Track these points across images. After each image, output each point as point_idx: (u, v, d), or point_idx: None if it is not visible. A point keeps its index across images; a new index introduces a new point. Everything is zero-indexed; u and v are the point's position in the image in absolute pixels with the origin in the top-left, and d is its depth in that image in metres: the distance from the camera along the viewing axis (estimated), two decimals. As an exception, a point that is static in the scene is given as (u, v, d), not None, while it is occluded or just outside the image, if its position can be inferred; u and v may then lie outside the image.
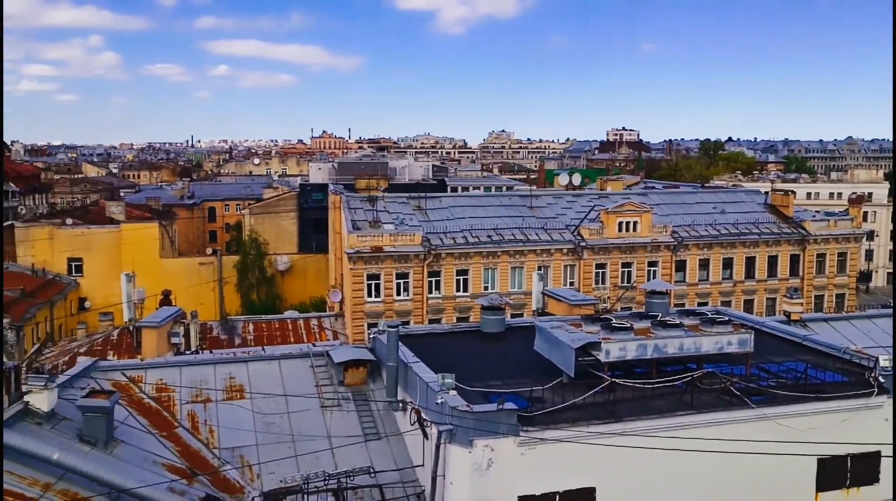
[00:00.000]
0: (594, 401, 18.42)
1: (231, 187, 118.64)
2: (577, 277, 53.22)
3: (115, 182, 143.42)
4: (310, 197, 76.94)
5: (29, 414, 16.71)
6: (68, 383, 19.09)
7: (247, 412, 20.51)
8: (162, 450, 18.33)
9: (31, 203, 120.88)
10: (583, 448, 17.15)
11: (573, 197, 60.64)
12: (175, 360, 24.06)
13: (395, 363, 20.75)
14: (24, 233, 68.45)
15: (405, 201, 55.75)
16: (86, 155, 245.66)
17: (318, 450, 19.29)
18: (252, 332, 48.24)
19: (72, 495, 15.20)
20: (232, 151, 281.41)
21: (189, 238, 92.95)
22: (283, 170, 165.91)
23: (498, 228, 52.85)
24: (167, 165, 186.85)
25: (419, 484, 18.48)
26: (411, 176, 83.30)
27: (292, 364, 22.79)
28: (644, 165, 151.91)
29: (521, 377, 19.97)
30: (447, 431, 17.08)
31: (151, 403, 20.25)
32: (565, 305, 28.56)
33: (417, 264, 49.73)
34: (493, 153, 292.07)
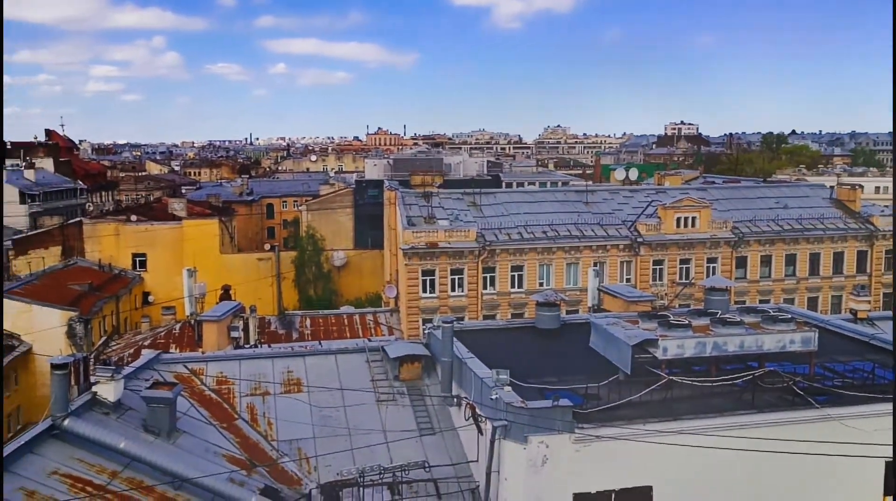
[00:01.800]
0: (651, 399, 18.17)
1: (288, 184, 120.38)
2: (633, 273, 52.53)
3: (176, 179, 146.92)
4: (365, 193, 77.62)
5: (97, 404, 17.29)
6: (133, 374, 19.67)
7: (304, 405, 20.82)
8: (222, 441, 18.75)
9: (98, 200, 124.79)
10: (639, 446, 16.94)
11: (630, 192, 59.84)
12: (235, 353, 24.58)
13: (450, 358, 20.82)
14: (91, 229, 70.69)
15: (460, 196, 55.78)
16: (149, 153, 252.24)
17: (373, 444, 19.50)
18: (309, 327, 48.98)
19: (137, 483, 15.66)
20: (289, 148, 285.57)
21: (248, 234, 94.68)
22: (339, 166, 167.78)
23: (553, 223, 52.48)
24: (227, 163, 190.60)
25: (474, 480, 18.51)
26: (466, 172, 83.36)
27: (348, 359, 23.06)
28: (703, 160, 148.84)
29: (576, 373, 19.81)
30: (502, 427, 17.07)
31: (212, 395, 20.72)
32: (621, 301, 28.25)
33: (472, 259, 49.74)
34: (548, 149, 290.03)
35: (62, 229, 73.61)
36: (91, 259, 68.43)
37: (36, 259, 68.03)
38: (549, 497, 17.13)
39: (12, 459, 14.71)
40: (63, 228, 73.82)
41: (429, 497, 18.11)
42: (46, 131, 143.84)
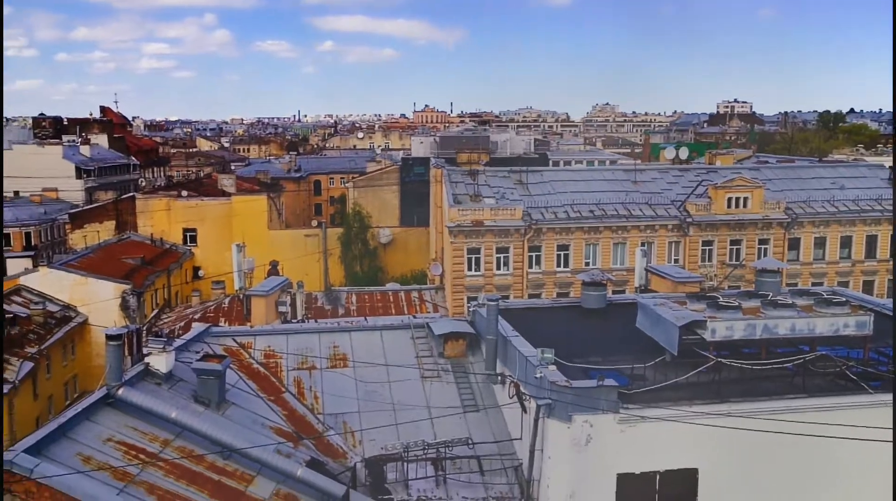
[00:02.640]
0: (698, 381, 17.96)
1: (336, 161, 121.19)
2: (682, 254, 51.77)
3: (226, 156, 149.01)
4: (412, 171, 77.69)
5: (149, 375, 17.74)
6: (184, 347, 20.10)
7: (350, 380, 21.06)
8: (270, 414, 19.10)
9: (150, 176, 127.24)
10: (685, 427, 16.75)
11: (680, 171, 58.81)
12: (282, 328, 24.96)
13: (495, 336, 20.83)
14: (143, 204, 72.22)
15: (506, 174, 55.49)
16: (200, 130, 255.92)
17: (417, 420, 19.66)
18: (355, 303, 49.43)
19: (188, 451, 16.05)
20: (337, 126, 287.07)
21: (295, 211, 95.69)
22: (385, 144, 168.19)
23: (600, 203, 51.92)
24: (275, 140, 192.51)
25: (517, 457, 18.57)
26: (513, 150, 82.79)
27: (394, 335, 23.23)
28: (757, 139, 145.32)
29: (621, 354, 19.66)
30: (546, 405, 17.05)
31: (260, 368, 21.09)
32: (669, 282, 27.88)
33: (518, 238, 49.54)
34: (596, 127, 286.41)
35: (116, 203, 75.40)
36: (143, 234, 69.99)
37: (91, 233, 69.85)
38: (593, 477, 17.09)
39: (70, 425, 15.18)
40: (117, 202, 75.62)
41: (472, 474, 18.23)
42: (101, 108, 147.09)
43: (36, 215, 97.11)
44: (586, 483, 17.09)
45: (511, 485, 18.10)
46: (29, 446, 13.92)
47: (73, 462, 14.33)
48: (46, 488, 13.44)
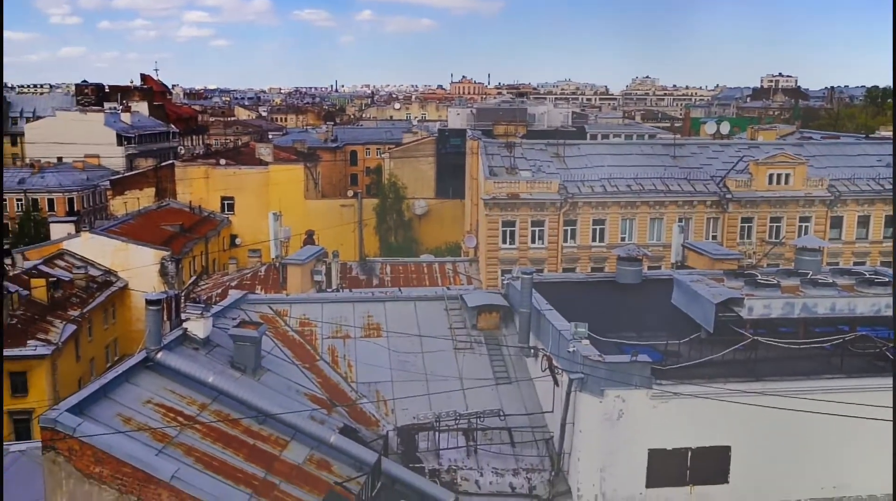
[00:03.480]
0: (734, 359, 17.79)
1: (372, 132, 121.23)
2: (720, 230, 51.03)
3: (264, 125, 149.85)
4: (448, 142, 77.40)
5: (187, 340, 18.06)
6: (221, 313, 20.42)
7: (383, 349, 21.24)
8: (304, 381, 19.37)
9: (189, 144, 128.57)
10: (719, 405, 16.63)
11: (720, 147, 57.73)
12: (317, 297, 25.20)
13: (528, 309, 20.80)
14: (182, 172, 73.05)
15: (543, 147, 55.01)
16: (238, 99, 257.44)
17: (449, 390, 19.76)
18: (389, 273, 49.69)
19: (224, 415, 16.37)
20: (373, 96, 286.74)
21: (332, 181, 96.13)
22: (422, 115, 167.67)
23: (638, 177, 51.28)
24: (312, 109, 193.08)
25: (548, 430, 18.62)
26: (550, 123, 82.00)
27: (427, 306, 23.32)
28: (801, 114, 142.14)
29: (656, 330, 19.52)
30: (578, 379, 17.04)
31: (295, 336, 21.35)
32: (707, 259, 27.54)
33: (553, 212, 49.23)
34: (635, 100, 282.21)
35: (156, 171, 76.35)
36: (182, 201, 70.90)
37: (131, 200, 70.94)
38: (624, 451, 17.09)
39: (111, 387, 15.56)
40: (157, 170, 76.56)
41: (503, 445, 18.33)
42: (142, 76, 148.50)
43: (78, 182, 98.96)
44: (617, 458, 17.10)
45: (542, 457, 18.18)
46: (72, 406, 14.31)
47: (114, 422, 14.70)
48: (88, 446, 13.83)
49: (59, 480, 13.99)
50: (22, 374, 44.73)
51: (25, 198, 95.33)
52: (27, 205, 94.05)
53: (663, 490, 17.41)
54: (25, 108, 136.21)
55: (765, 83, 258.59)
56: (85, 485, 13.95)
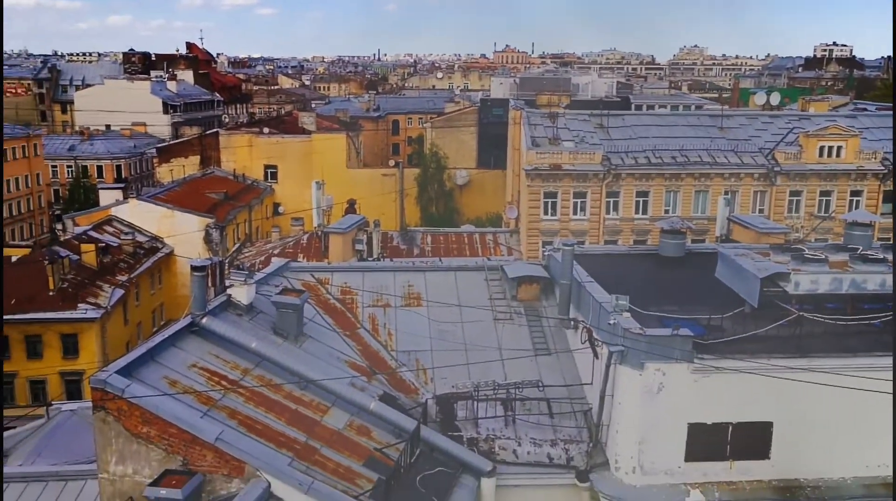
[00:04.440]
0: (778, 334, 17.51)
1: (414, 101, 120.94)
2: (767, 204, 50.02)
3: (307, 94, 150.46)
4: (490, 112, 76.91)
5: (231, 306, 18.37)
6: (264, 280, 20.68)
7: (423, 319, 21.36)
8: (345, 348, 19.60)
9: (233, 112, 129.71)
10: (762, 380, 16.43)
11: (769, 118, 56.37)
12: (359, 265, 25.39)
13: (569, 281, 20.70)
14: (226, 140, 73.89)
15: (586, 118, 54.31)
16: (281, 67, 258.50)
17: (488, 360, 19.83)
18: (430, 243, 49.82)
19: (266, 381, 16.68)
20: (416, 65, 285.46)
21: (373, 150, 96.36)
22: (465, 84, 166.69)
23: (684, 149, 50.40)
24: (355, 78, 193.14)
25: (586, 402, 18.60)
26: (594, 93, 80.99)
27: (468, 277, 23.34)
28: (855, 85, 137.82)
29: (698, 303, 19.27)
30: (618, 352, 16.95)
31: (336, 304, 21.56)
32: (753, 232, 27.07)
33: (596, 183, 48.71)
34: (682, 70, 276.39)
35: (201, 139, 77.33)
36: (226, 169, 71.78)
37: (177, 167, 72.03)
38: (663, 425, 17.01)
39: (157, 350, 15.94)
40: (201, 138, 77.54)
41: (541, 416, 18.38)
42: (187, 44, 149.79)
43: (126, 149, 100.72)
44: (656, 431, 17.04)
45: (580, 429, 18.19)
46: (121, 368, 14.70)
47: (161, 384, 15.07)
48: (137, 407, 14.22)
49: (109, 438, 14.43)
50: (73, 336, 46.09)
51: (75, 165, 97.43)
52: (77, 172, 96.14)
53: (702, 464, 17.32)
54: (75, 76, 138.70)
55: (818, 52, 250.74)
56: (133, 444, 14.38)
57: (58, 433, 23.99)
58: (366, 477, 15.23)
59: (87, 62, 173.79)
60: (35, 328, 45.63)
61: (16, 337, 45.65)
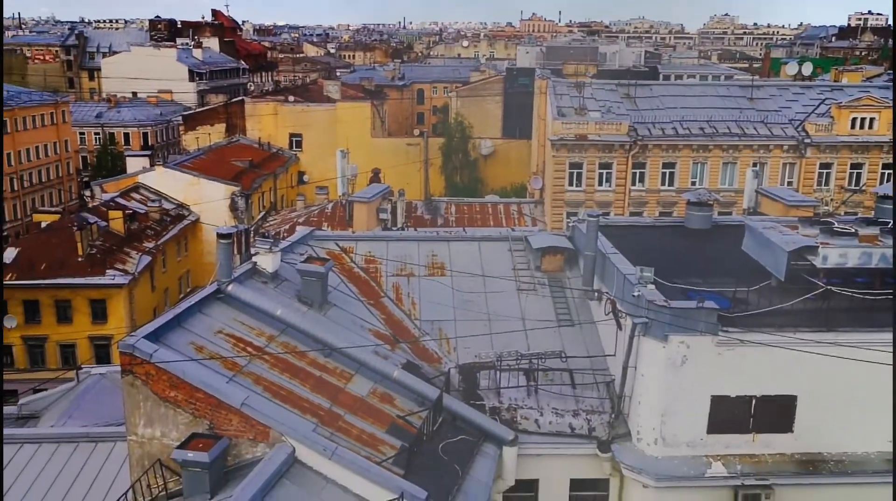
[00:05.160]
0: (804, 308, 17.34)
1: (439, 70, 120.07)
2: (796, 176, 49.28)
3: (332, 62, 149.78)
4: (516, 81, 76.20)
5: (256, 273, 18.52)
6: (289, 248, 20.82)
7: (447, 288, 21.40)
8: (369, 317, 19.72)
9: (258, 80, 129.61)
10: (787, 354, 16.32)
11: (801, 89, 55.32)
12: (383, 235, 25.46)
13: (594, 252, 20.61)
14: (252, 108, 73.95)
15: (613, 88, 53.67)
16: (307, 35, 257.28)
17: (511, 331, 19.88)
18: (454, 213, 49.80)
19: (291, 347, 16.85)
20: (441, 34, 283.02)
21: (398, 119, 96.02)
22: (490, 53, 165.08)
23: (712, 120, 49.67)
24: (380, 47, 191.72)
25: (609, 373, 18.61)
26: (622, 62, 79.92)
27: (491, 247, 23.33)
28: (890, 55, 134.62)
29: (724, 276, 19.14)
30: (642, 324, 16.91)
31: (360, 273, 21.67)
32: (781, 205, 26.71)
33: (622, 154, 48.25)
34: (712, 39, 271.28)
35: (226, 107, 77.48)
36: (251, 137, 71.94)
37: (203, 135, 72.33)
38: (686, 397, 17.00)
39: (184, 317, 16.14)
40: (227, 106, 77.67)
41: (563, 386, 18.42)
42: (213, 11, 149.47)
43: (152, 116, 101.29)
44: (679, 403, 17.04)
45: (602, 400, 18.23)
46: (148, 333, 14.91)
47: (187, 350, 15.28)
48: (164, 372, 14.45)
49: (138, 401, 14.70)
50: (101, 302, 46.81)
51: (103, 132, 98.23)
52: (104, 139, 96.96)
53: (724, 437, 17.32)
54: (102, 43, 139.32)
55: (852, 21, 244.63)
56: (161, 408, 14.64)
57: (87, 395, 24.50)
58: (389, 444, 15.40)
59: (113, 29, 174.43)
60: (65, 293, 46.41)
61: (46, 302, 46.49)
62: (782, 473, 17.24)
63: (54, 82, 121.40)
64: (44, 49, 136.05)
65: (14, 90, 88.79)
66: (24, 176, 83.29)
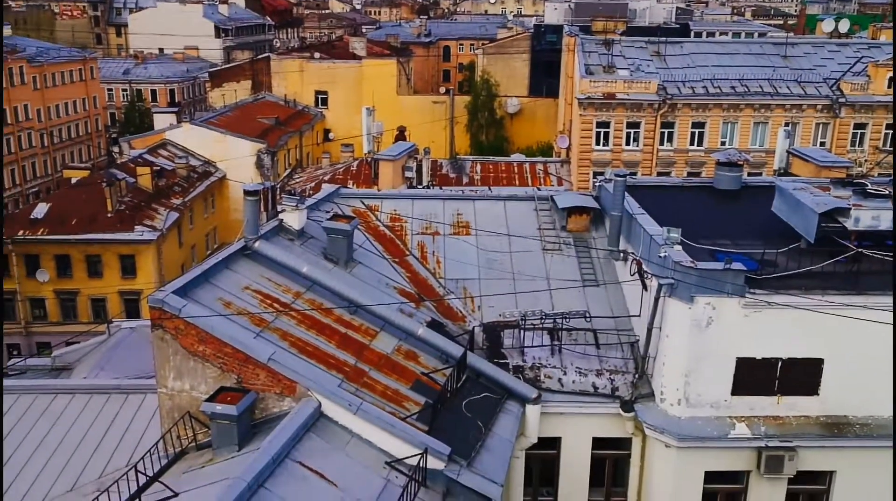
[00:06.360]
0: (834, 271, 17.11)
1: (466, 26, 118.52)
2: (829, 136, 48.35)
3: (357, 18, 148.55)
4: (543, 38, 75.06)
5: (283, 230, 18.64)
6: (315, 206, 20.86)
7: (471, 247, 21.39)
8: (394, 275, 19.80)
9: (284, 37, 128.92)
10: (815, 317, 16.17)
11: (837, 46, 53.93)
12: (408, 193, 25.42)
13: (620, 212, 20.44)
14: (277, 65, 73.71)
15: (643, 45, 52.68)
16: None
17: (536, 290, 19.86)
18: (479, 172, 49.58)
19: (317, 304, 17.00)
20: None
21: (424, 76, 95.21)
22: (518, 9, 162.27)
23: (744, 78, 48.69)
24: (406, 2, 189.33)
25: (634, 334, 18.58)
26: (652, 19, 78.23)
27: (517, 206, 23.21)
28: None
29: (753, 238, 18.90)
30: (668, 285, 16.81)
31: (386, 231, 21.71)
32: (813, 166, 26.21)
33: (651, 113, 47.56)
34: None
35: (252, 63, 77.28)
36: (277, 94, 71.82)
37: (229, 92, 72.34)
38: (711, 358, 16.95)
39: (212, 273, 16.31)
40: (253, 62, 77.48)
41: (588, 346, 18.45)
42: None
43: (179, 73, 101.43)
44: (703, 364, 16.99)
45: (626, 360, 18.24)
46: (177, 288, 15.11)
47: (216, 305, 15.47)
48: (193, 327, 14.67)
49: (167, 355, 14.97)
50: (131, 257, 47.55)
51: (130, 88, 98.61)
52: (132, 95, 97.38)
53: (749, 399, 17.29)
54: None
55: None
56: (190, 362, 14.90)
57: (118, 348, 25.03)
58: (413, 400, 15.58)
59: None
60: (95, 249, 47.16)
61: (77, 257, 47.30)
62: (807, 435, 17.21)
63: (82, 38, 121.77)
64: (71, 5, 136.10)
65: (43, 46, 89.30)
66: (53, 132, 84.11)
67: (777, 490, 17.69)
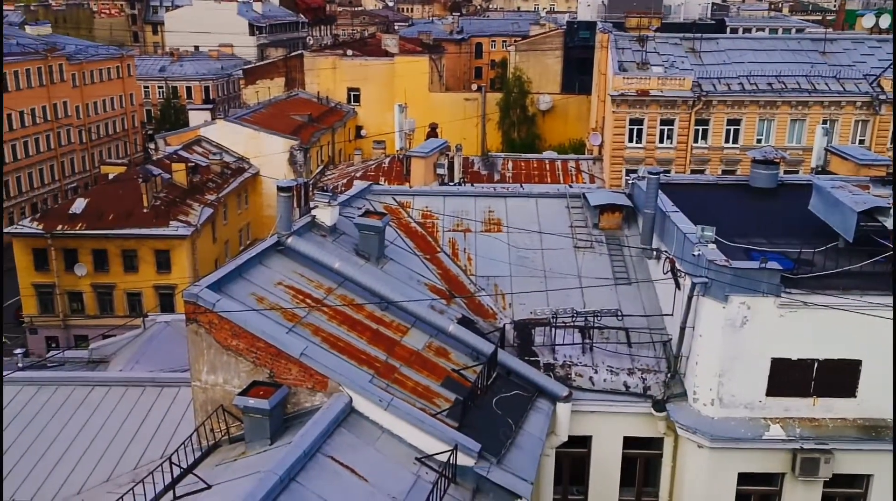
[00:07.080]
0: (873, 271, 16.80)
1: (498, 23, 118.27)
2: (869, 134, 47.42)
3: (390, 15, 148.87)
4: (576, 35, 74.62)
5: (315, 226, 18.75)
6: (347, 202, 20.95)
7: (503, 244, 21.33)
8: (425, 271, 19.83)
9: (317, 34, 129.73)
10: (853, 318, 15.88)
11: (877, 42, 52.86)
12: (440, 190, 25.42)
13: (653, 210, 20.24)
14: (311, 62, 74.19)
15: (678, 41, 52.12)
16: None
17: (567, 288, 19.76)
18: (511, 169, 49.47)
19: (349, 300, 17.09)
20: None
21: (456, 73, 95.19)
22: (551, 6, 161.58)
23: (781, 75, 47.93)
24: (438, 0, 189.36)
25: (666, 333, 18.41)
26: (687, 15, 77.27)
27: (549, 203, 23.10)
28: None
29: (789, 237, 18.62)
30: (702, 284, 16.62)
31: (417, 228, 21.74)
32: (851, 164, 25.74)
33: (685, 110, 47.04)
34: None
35: (286, 61, 77.83)
36: (310, 91, 72.27)
37: (262, 89, 72.96)
38: (745, 358, 16.73)
39: (245, 268, 16.47)
40: (286, 60, 78.03)
41: (619, 345, 18.31)
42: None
43: (214, 70, 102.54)
44: (737, 364, 16.78)
45: (658, 359, 18.07)
46: (211, 283, 15.28)
47: (249, 300, 15.63)
48: (226, 321, 14.83)
49: (201, 349, 15.15)
50: (165, 252, 48.22)
51: (166, 85, 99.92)
52: (167, 92, 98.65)
53: (784, 400, 17.04)
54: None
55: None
56: (224, 356, 15.06)
57: (153, 342, 25.42)
58: (443, 397, 15.59)
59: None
60: (131, 244, 47.91)
61: (114, 251, 48.09)
62: (843, 438, 16.93)
63: (120, 36, 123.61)
64: (109, 3, 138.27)
65: (82, 44, 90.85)
66: (91, 129, 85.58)
67: (812, 493, 17.42)
